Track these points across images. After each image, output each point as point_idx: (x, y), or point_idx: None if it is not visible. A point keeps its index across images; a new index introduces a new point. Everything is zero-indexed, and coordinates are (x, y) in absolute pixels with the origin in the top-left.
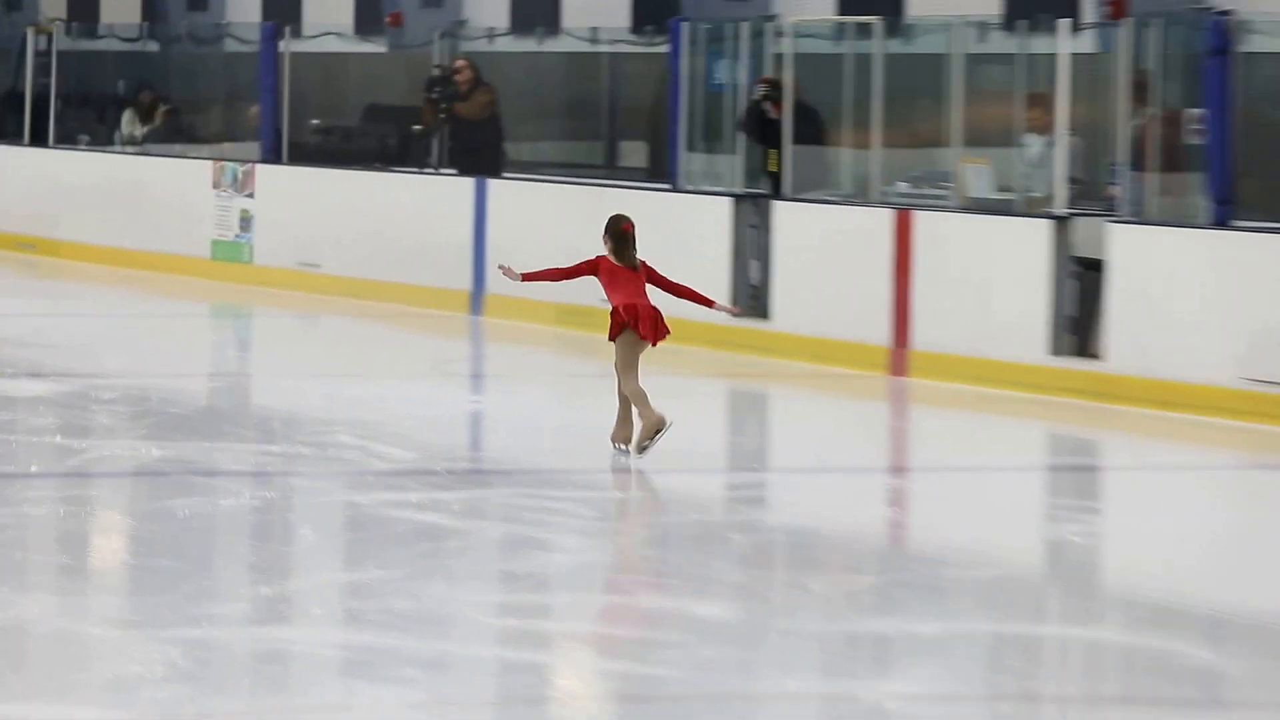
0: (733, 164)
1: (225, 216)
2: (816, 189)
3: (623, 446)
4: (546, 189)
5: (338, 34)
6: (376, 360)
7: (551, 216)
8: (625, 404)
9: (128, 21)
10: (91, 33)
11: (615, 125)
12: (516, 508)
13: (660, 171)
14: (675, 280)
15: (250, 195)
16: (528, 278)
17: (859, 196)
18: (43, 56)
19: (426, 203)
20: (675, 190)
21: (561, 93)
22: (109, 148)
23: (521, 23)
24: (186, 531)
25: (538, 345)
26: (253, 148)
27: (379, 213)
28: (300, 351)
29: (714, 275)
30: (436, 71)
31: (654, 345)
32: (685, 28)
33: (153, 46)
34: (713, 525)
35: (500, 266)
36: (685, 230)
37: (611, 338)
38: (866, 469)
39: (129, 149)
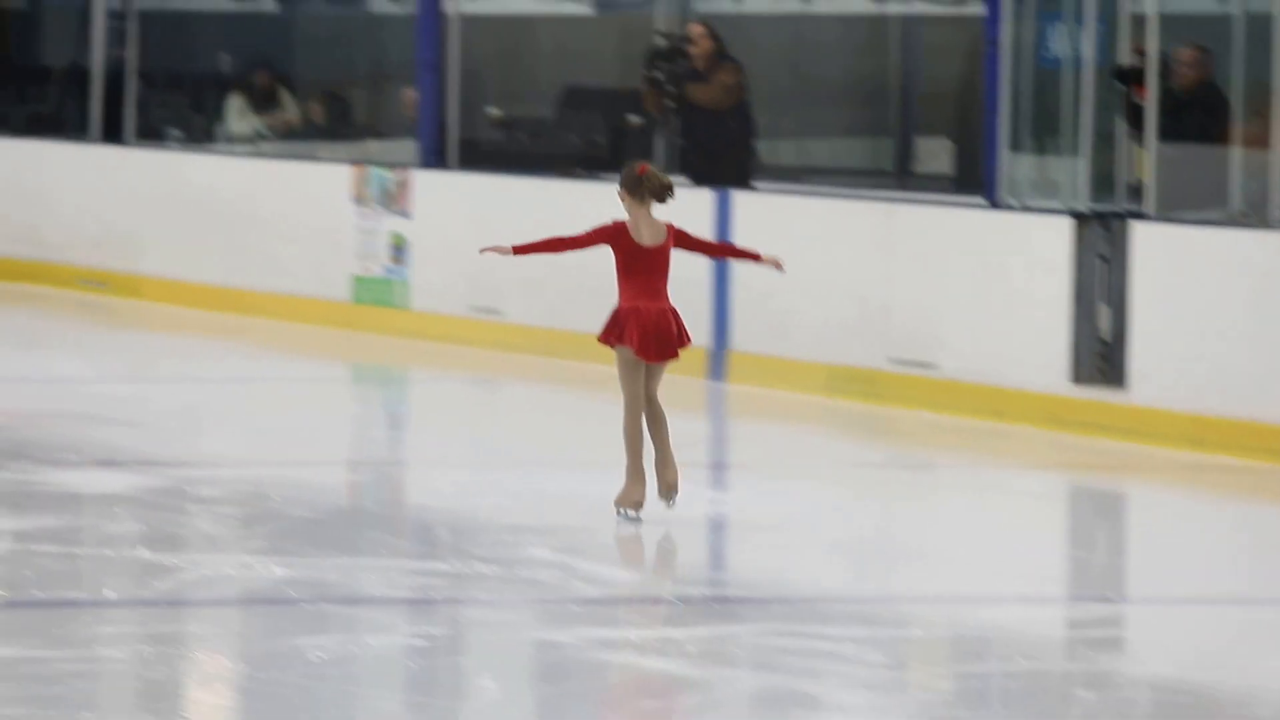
0: (1075, 169)
1: (370, 243)
2: (1196, 206)
3: (631, 513)
4: (814, 204)
5: None
6: (580, 443)
7: (821, 242)
8: (661, 444)
9: None
10: None
11: (910, 116)
12: (775, 649)
13: (971, 180)
14: (709, 240)
15: (405, 214)
16: (520, 250)
17: (1253, 217)
18: (117, 19)
19: None
20: (993, 206)
21: (835, 72)
22: (209, 147)
23: None
24: (319, 682)
25: (802, 422)
26: (408, 147)
27: None
28: (475, 430)
29: (1045, 323)
30: (662, 42)
31: (663, 364)
32: None
33: (270, 6)
34: (1049, 677)
35: (483, 250)
36: (1005, 260)
37: (602, 340)
38: (1265, 600)
39: (237, 149)
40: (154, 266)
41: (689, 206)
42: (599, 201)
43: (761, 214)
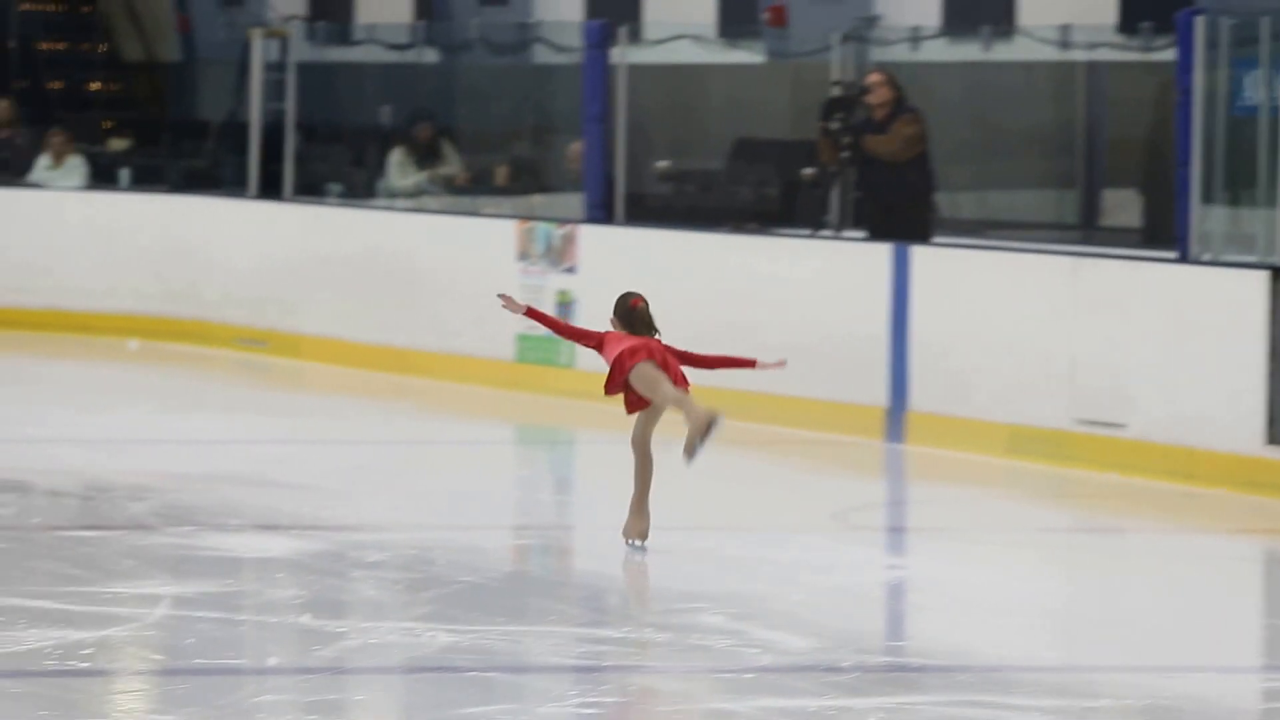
0: (1272, 221)
1: (536, 300)
2: None
3: (637, 542)
4: (996, 259)
5: (694, 37)
6: (753, 507)
7: (1003, 297)
8: (641, 489)
9: (395, 21)
10: (344, 37)
11: (1096, 166)
12: None
13: (1161, 233)
14: (702, 352)
15: (571, 270)
16: (532, 314)
17: None
18: (275, 71)
19: (822, 280)
20: (1184, 261)
21: (1018, 121)
22: (369, 203)
23: (958, 20)
24: None
25: (983, 484)
26: (574, 201)
27: (752, 294)
28: None
29: (1240, 381)
30: (838, 91)
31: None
32: (1200, 23)
33: (431, 56)
34: None
35: (500, 296)
36: (1197, 316)
37: (608, 391)
38: None
39: (397, 205)
40: (313, 325)
41: (865, 262)
42: (770, 256)
43: (941, 269)
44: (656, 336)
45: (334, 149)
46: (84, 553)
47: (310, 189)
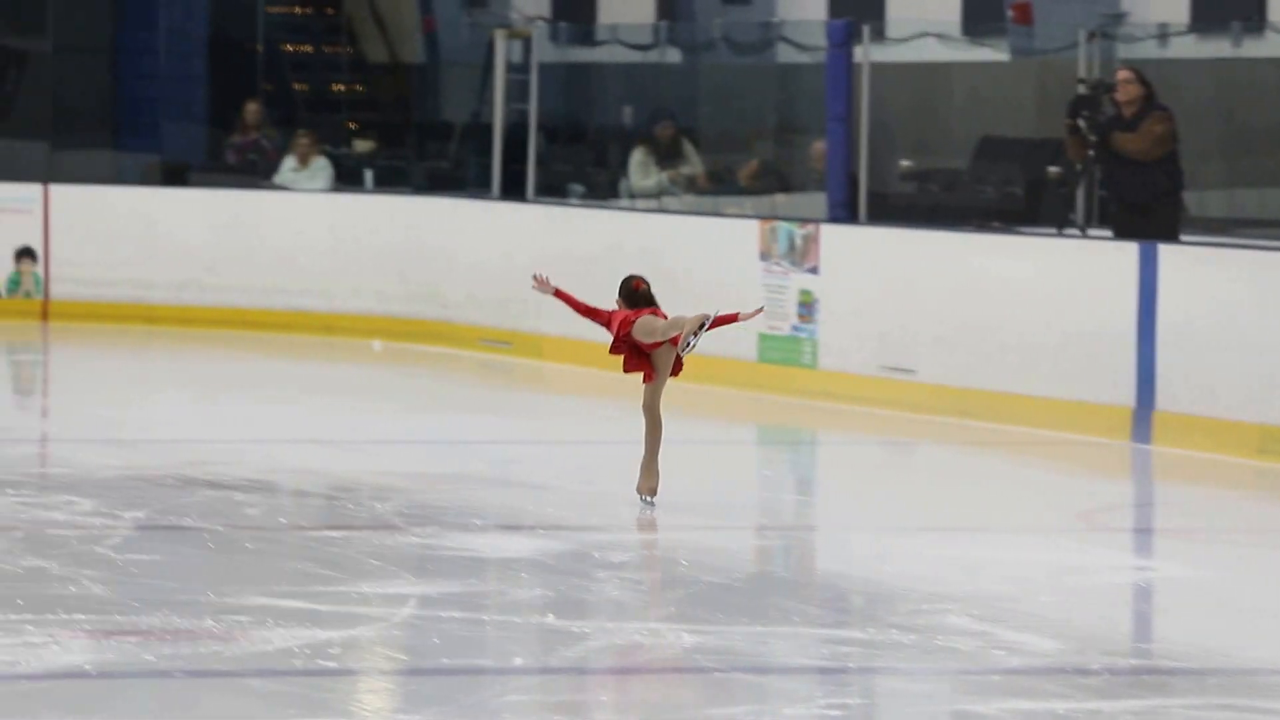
0: None
1: (778, 301)
2: None
3: (647, 498)
4: (1245, 257)
5: (938, 35)
6: (999, 508)
7: (1252, 296)
8: (650, 450)
9: (638, 22)
10: (587, 38)
11: None
12: None
13: None
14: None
15: (814, 270)
16: (560, 295)
17: None
18: (518, 72)
19: (1068, 279)
20: None
21: (1268, 118)
22: (611, 203)
23: (1207, 16)
24: None
25: (1233, 486)
26: (817, 201)
27: (995, 293)
28: (887, 494)
29: None
30: (1085, 88)
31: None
32: None
33: (673, 56)
34: None
35: (535, 276)
36: None
37: (618, 356)
38: None
39: (639, 205)
40: (556, 326)
41: (1112, 261)
42: (1015, 256)
43: (1189, 268)
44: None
45: (576, 149)
46: (330, 553)
47: (552, 189)
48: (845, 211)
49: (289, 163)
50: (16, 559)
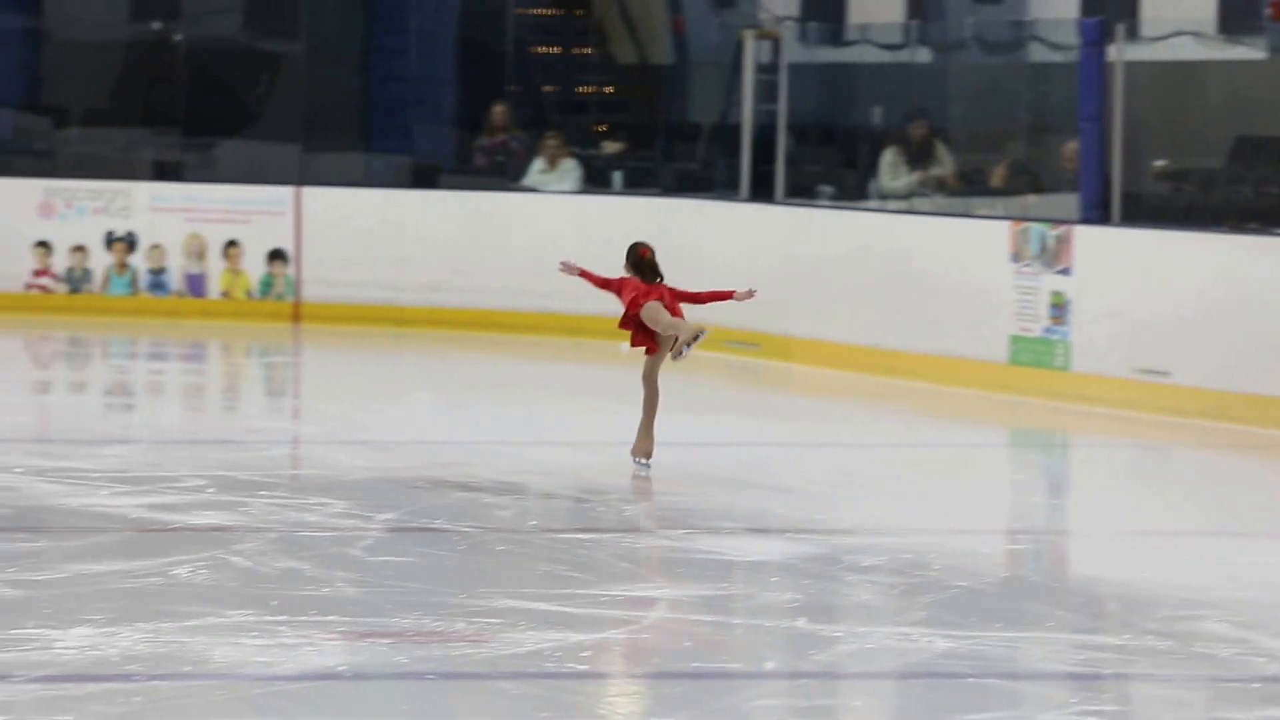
0: None
1: (1030, 303)
2: None
3: (642, 460)
4: None
5: (1194, 34)
6: (1255, 512)
7: None
8: (648, 416)
9: (887, 21)
10: (836, 38)
11: None
12: None
13: None
14: (695, 290)
15: (1066, 271)
16: (584, 275)
17: None
18: (766, 73)
19: None
20: None
21: None
22: (860, 204)
23: None
24: None
25: None
26: (1069, 202)
27: (1253, 295)
28: (1142, 499)
29: None
30: None
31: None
32: None
33: (923, 56)
34: None
35: (562, 262)
36: None
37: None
38: None
39: (889, 206)
40: (804, 327)
41: None
42: (1272, 256)
43: None
44: (660, 281)
45: (825, 150)
46: (580, 555)
47: (801, 191)
48: (1098, 212)
49: (537, 164)
50: (271, 560)
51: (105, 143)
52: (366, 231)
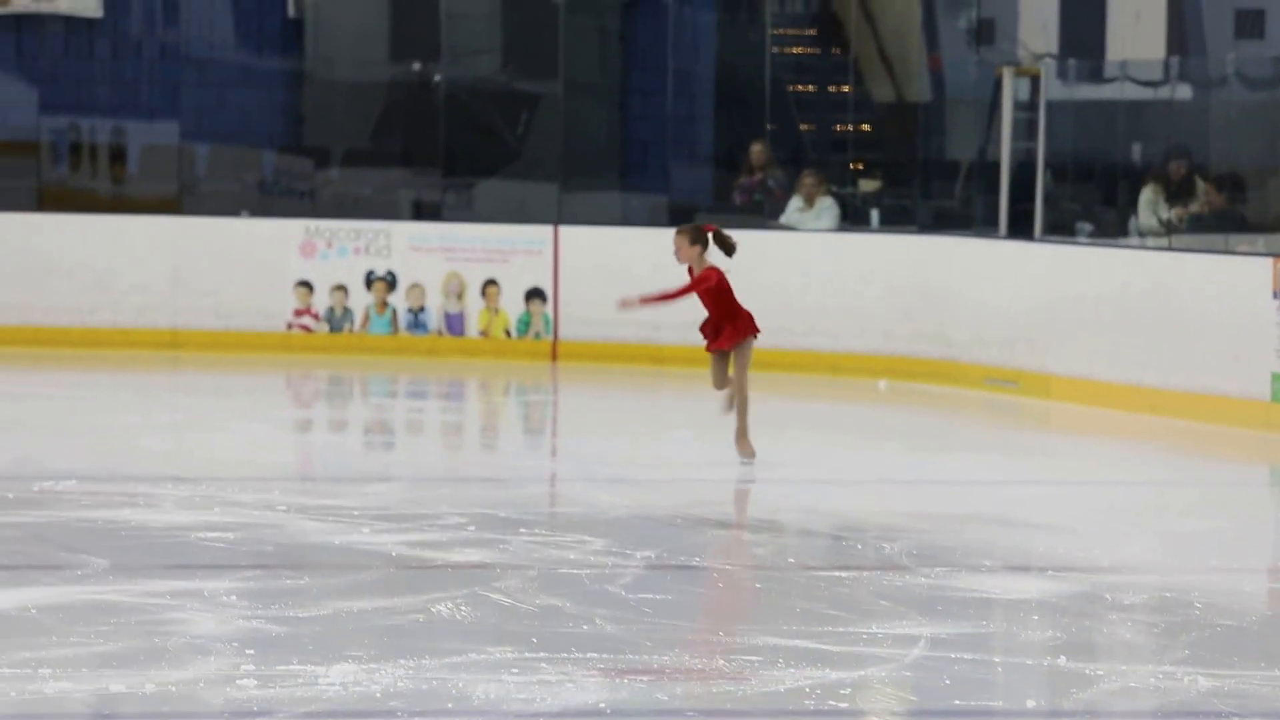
0: None
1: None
2: None
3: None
4: None
5: None
6: None
7: None
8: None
9: (1147, 58)
10: (1095, 74)
11: None
12: None
13: None
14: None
15: None
16: (645, 301)
17: None
18: (1025, 110)
19: None
20: None
21: None
22: (1120, 242)
23: None
24: None
25: None
26: None
27: None
28: None
29: None
30: None
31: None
32: None
33: (1184, 92)
34: None
35: (620, 301)
36: None
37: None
38: None
39: (1149, 243)
40: (1063, 365)
41: None
42: None
43: None
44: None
45: (1084, 187)
46: (838, 592)
47: (1060, 228)
48: None
49: (795, 203)
50: (531, 597)
51: (365, 183)
52: (624, 270)
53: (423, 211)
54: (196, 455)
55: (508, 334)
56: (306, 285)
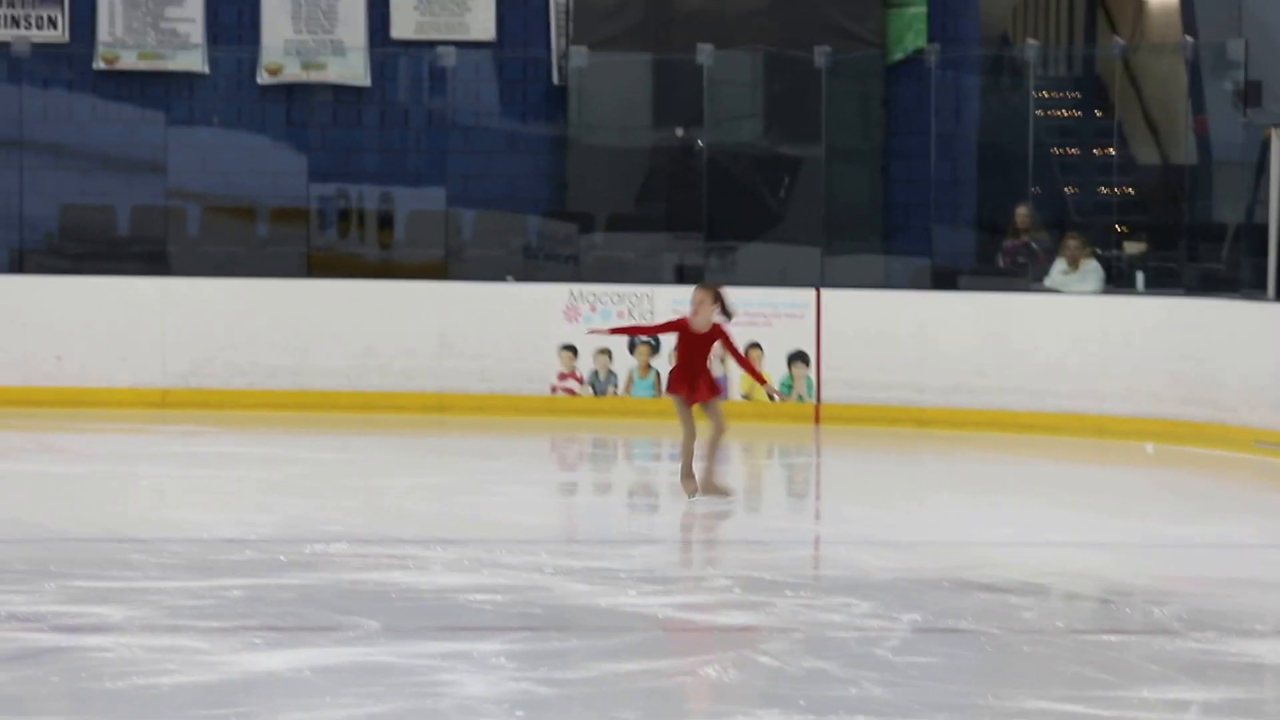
0: None
1: None
2: None
3: (689, 498)
4: None
5: None
6: None
7: None
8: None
9: None
10: None
11: None
12: None
13: None
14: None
15: None
16: (615, 332)
17: None
18: None
19: None
20: None
21: None
22: None
23: None
24: None
25: None
26: None
27: None
28: None
29: None
30: None
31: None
32: None
33: None
34: None
35: (589, 332)
36: None
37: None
38: None
39: None
40: None
41: None
42: None
43: None
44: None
45: None
46: (1107, 657)
47: None
48: None
49: (1059, 265)
50: (798, 660)
51: (628, 247)
52: (887, 333)
53: (685, 275)
54: (463, 518)
55: (771, 397)
56: (570, 349)
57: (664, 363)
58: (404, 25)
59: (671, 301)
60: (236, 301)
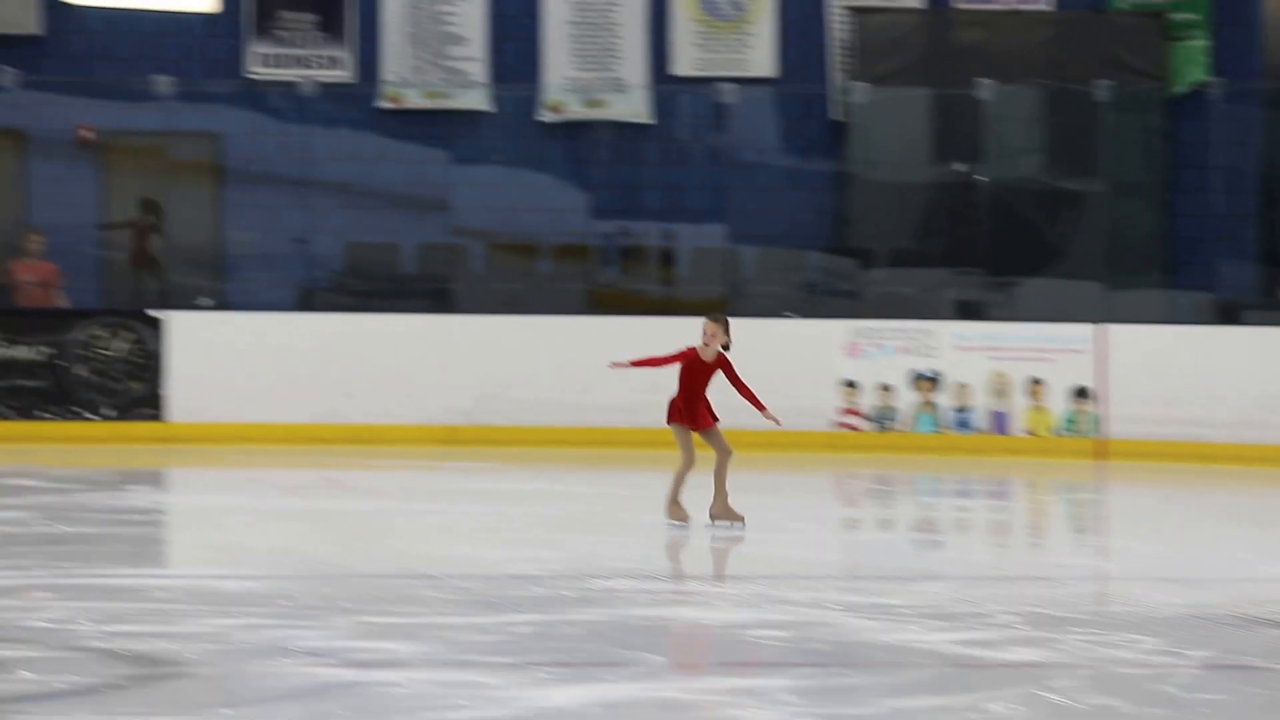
0: None
1: None
2: None
3: (676, 523)
4: None
5: None
6: None
7: None
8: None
9: None
10: None
11: None
12: None
13: None
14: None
15: None
16: (636, 364)
17: None
18: None
19: None
20: None
21: None
22: None
23: None
24: None
25: None
26: None
27: None
28: None
29: None
30: None
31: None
32: None
33: None
34: None
35: (611, 365)
36: None
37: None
38: None
39: None
40: None
41: None
42: None
43: None
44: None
45: None
46: None
47: None
48: None
49: None
50: (1085, 697)
51: (909, 283)
52: (1171, 368)
53: (967, 311)
54: (748, 554)
55: (1053, 432)
56: (852, 385)
57: (947, 397)
58: (684, 62)
59: (953, 337)
60: (520, 338)
